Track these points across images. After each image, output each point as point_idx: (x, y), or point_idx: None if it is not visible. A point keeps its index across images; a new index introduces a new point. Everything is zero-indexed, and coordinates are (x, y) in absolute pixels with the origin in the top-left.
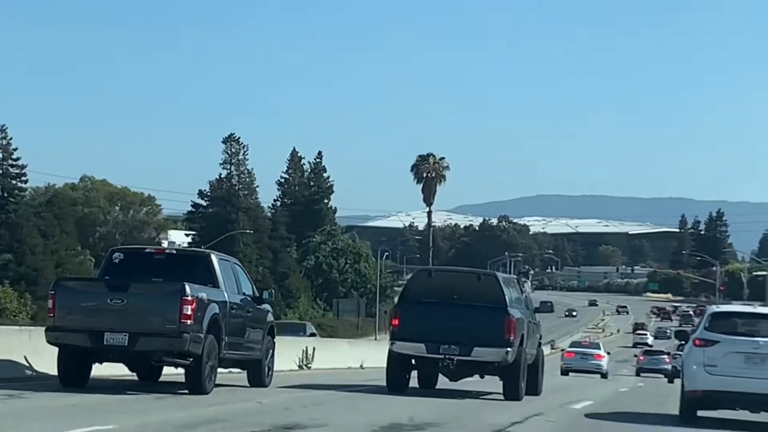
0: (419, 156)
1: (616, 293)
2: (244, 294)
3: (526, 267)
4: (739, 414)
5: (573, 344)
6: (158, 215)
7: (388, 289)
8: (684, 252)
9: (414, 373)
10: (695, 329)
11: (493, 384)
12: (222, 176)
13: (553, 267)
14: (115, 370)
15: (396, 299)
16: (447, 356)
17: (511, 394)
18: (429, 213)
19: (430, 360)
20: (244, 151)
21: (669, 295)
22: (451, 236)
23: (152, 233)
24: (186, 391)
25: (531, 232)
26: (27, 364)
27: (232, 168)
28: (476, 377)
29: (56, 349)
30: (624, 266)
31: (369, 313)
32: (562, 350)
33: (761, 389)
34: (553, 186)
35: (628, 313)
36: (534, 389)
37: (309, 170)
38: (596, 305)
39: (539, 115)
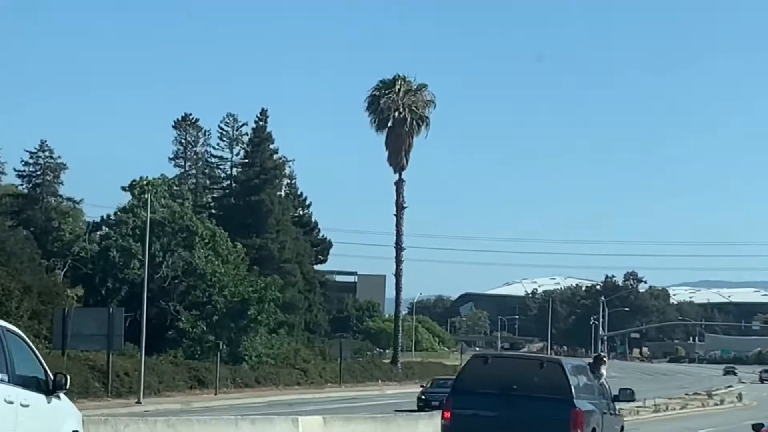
0: (380, 82)
1: None
2: None
3: (603, 352)
4: None
5: None
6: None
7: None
8: None
9: None
10: None
11: None
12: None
13: (695, 338)
14: None
15: None
16: None
17: None
18: (398, 184)
19: None
20: (206, 138)
21: None
22: (570, 299)
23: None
24: None
25: (675, 302)
26: None
27: (187, 164)
28: None
29: None
30: None
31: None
32: None
33: None
34: (717, 273)
35: None
36: None
37: (246, 142)
38: (734, 374)
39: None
